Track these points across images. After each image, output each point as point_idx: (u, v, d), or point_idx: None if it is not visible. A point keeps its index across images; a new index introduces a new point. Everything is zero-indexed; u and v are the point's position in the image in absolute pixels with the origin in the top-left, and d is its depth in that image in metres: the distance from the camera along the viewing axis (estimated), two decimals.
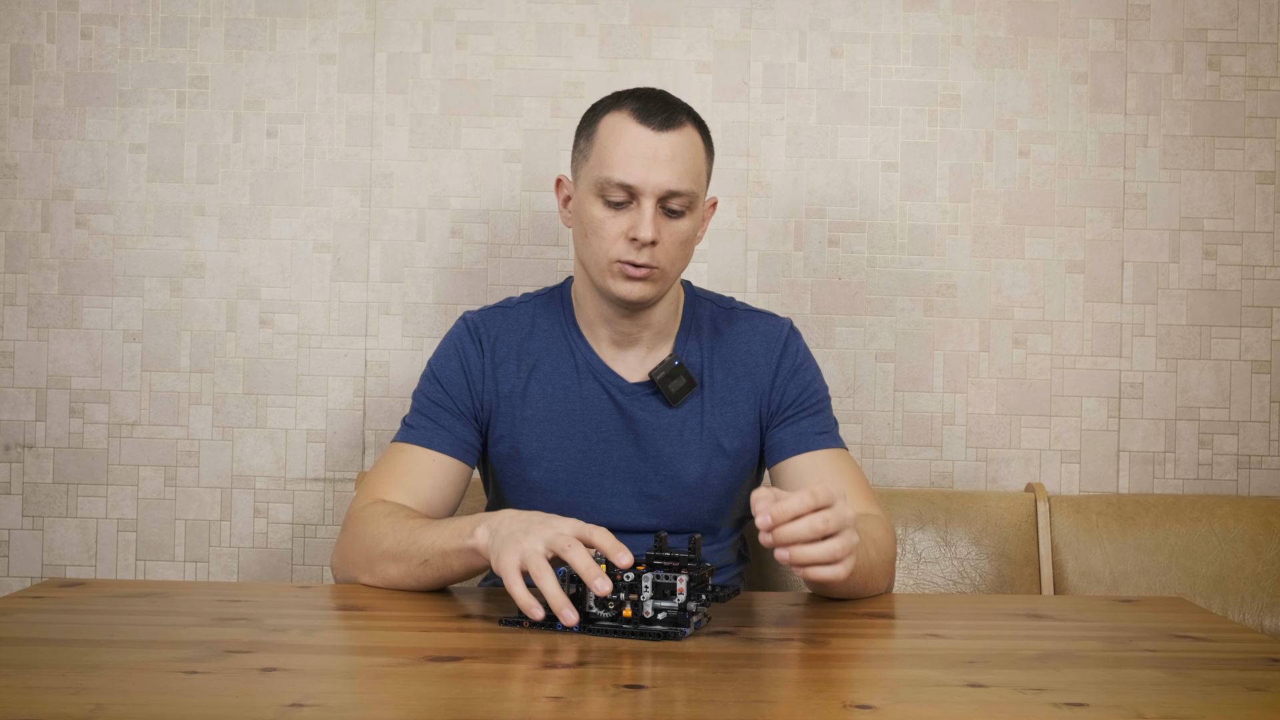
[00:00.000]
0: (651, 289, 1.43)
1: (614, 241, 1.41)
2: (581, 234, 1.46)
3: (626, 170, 1.40)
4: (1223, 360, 2.10)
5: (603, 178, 1.41)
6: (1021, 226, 2.10)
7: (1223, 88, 2.10)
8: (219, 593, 1.34)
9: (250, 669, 1.01)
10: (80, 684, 0.95)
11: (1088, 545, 1.93)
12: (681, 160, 1.41)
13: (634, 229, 1.40)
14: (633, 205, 1.41)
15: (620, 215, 1.41)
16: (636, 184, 1.40)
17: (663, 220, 1.41)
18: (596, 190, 1.42)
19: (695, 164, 1.43)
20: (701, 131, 1.47)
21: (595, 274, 1.45)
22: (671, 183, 1.40)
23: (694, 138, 1.44)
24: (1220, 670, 1.06)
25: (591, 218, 1.43)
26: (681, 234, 1.43)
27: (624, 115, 1.43)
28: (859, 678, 1.04)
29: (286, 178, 2.08)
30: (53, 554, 2.07)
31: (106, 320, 2.07)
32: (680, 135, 1.42)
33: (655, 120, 1.41)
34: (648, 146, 1.40)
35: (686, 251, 1.46)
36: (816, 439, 1.50)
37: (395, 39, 2.08)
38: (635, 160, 1.40)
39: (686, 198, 1.41)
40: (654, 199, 1.40)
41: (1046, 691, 0.97)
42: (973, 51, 2.10)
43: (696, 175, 1.43)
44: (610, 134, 1.43)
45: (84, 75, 2.07)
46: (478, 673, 1.01)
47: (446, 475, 1.47)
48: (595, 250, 1.43)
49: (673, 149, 1.41)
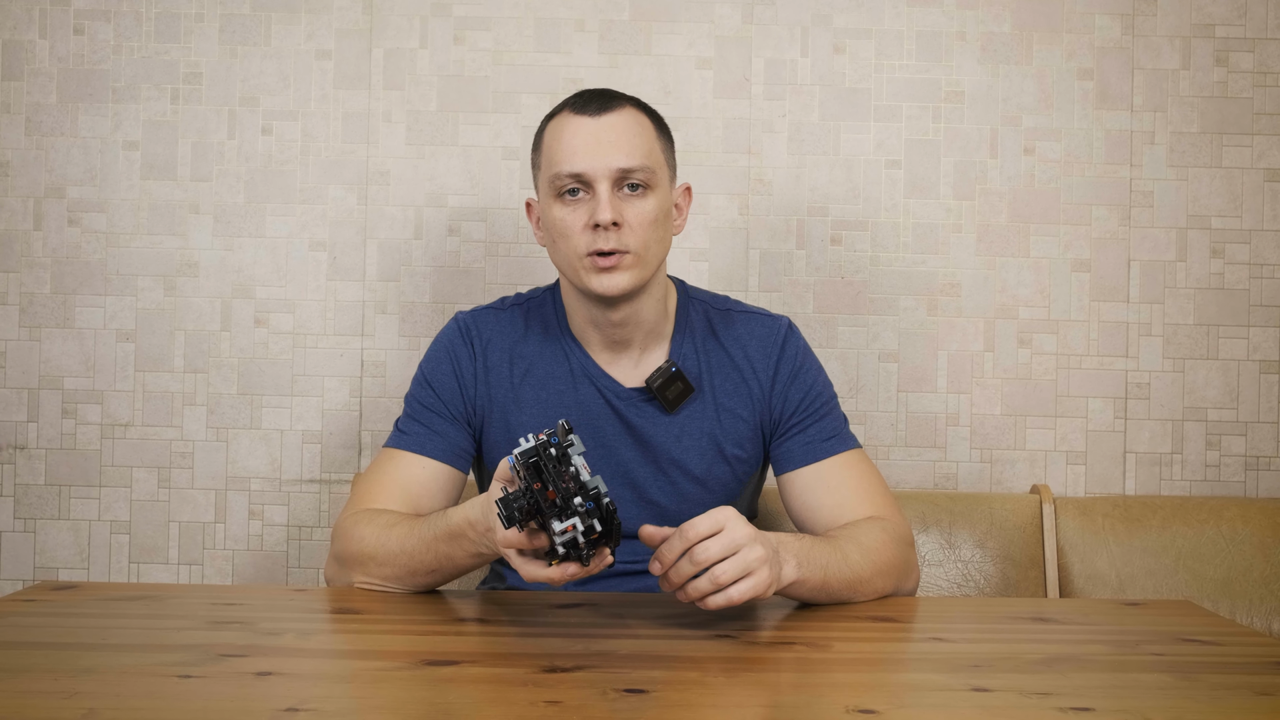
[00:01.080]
0: (628, 278, 1.42)
1: (580, 235, 1.42)
2: (551, 241, 1.46)
3: (572, 160, 1.41)
4: (1230, 360, 2.10)
5: (553, 174, 1.43)
6: (1026, 225, 2.10)
7: (1231, 84, 2.10)
8: (213, 596, 1.34)
9: (245, 673, 1.01)
10: (73, 688, 0.95)
11: (1094, 548, 1.93)
12: (626, 138, 1.42)
13: (593, 215, 1.40)
14: (589, 195, 1.42)
15: (580, 208, 1.42)
16: (585, 170, 1.41)
17: (623, 202, 1.42)
18: (553, 191, 1.43)
19: (642, 140, 1.43)
20: (647, 112, 1.48)
21: (572, 275, 1.45)
22: (619, 160, 1.41)
23: (637, 116, 1.45)
24: (1228, 674, 1.06)
25: (554, 220, 1.44)
26: (648, 214, 1.43)
27: (564, 114, 1.45)
28: (862, 682, 1.04)
29: (282, 175, 2.08)
30: (45, 556, 2.07)
31: (99, 320, 2.07)
32: (619, 115, 1.43)
33: (591, 107, 1.43)
34: (588, 133, 1.42)
35: (660, 235, 1.45)
36: (824, 446, 1.49)
37: (392, 34, 2.08)
38: (578, 149, 1.41)
39: (642, 173, 1.42)
40: (607, 181, 1.40)
41: (1052, 696, 0.97)
42: (977, 47, 2.10)
43: (647, 151, 1.43)
44: (554, 134, 1.45)
45: (76, 71, 2.07)
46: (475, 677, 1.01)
47: (438, 482, 1.46)
48: (565, 251, 1.44)
49: (614, 130, 1.42)
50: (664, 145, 1.48)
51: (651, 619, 1.24)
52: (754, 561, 1.16)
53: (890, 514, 1.45)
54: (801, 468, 1.49)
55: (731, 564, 1.15)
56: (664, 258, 1.49)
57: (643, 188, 1.42)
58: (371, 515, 1.39)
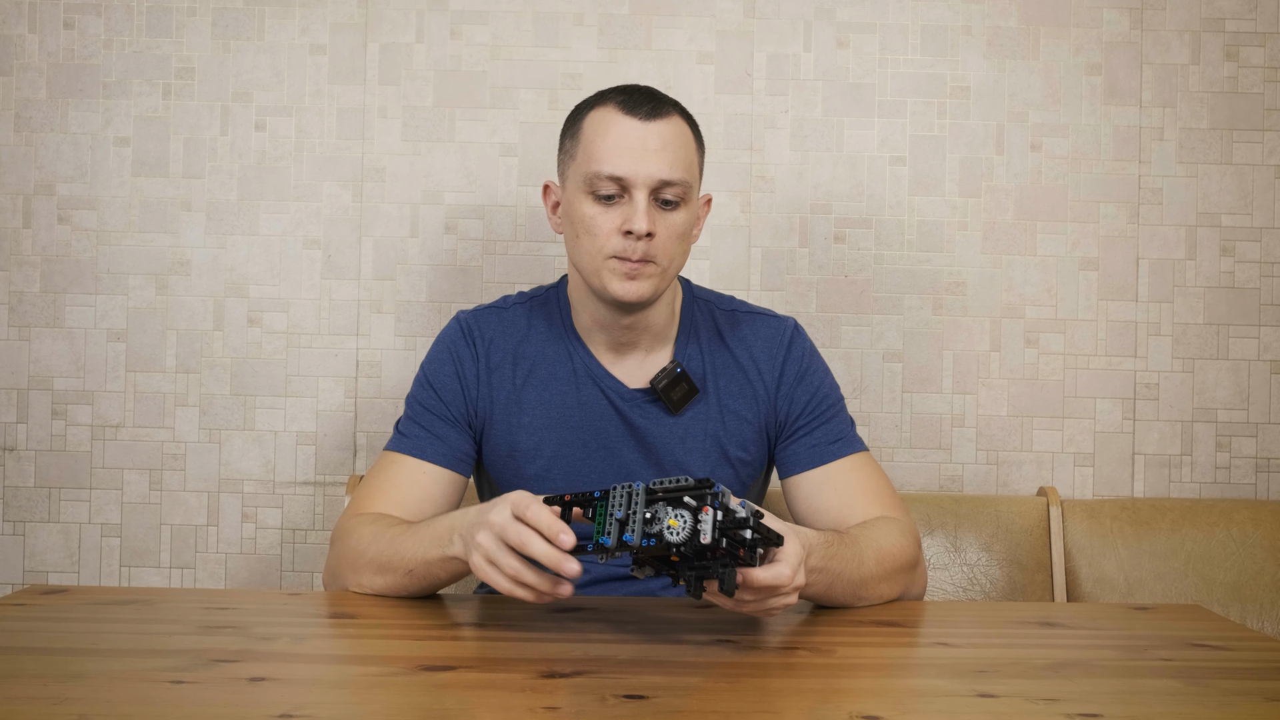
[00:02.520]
0: (649, 287, 1.43)
1: (608, 238, 1.41)
2: (573, 235, 1.45)
3: (616, 162, 1.40)
4: (1241, 360, 2.10)
5: (591, 172, 1.41)
6: (1033, 222, 2.10)
7: (1241, 79, 2.10)
8: (206, 600, 1.34)
9: (238, 679, 1.01)
10: (63, 694, 0.95)
11: (1102, 551, 1.93)
12: (672, 149, 1.41)
13: (628, 222, 1.39)
14: (625, 199, 1.41)
15: (612, 210, 1.42)
16: (627, 175, 1.40)
17: (657, 213, 1.41)
18: (586, 187, 1.42)
19: (686, 154, 1.43)
20: (690, 124, 1.47)
21: (589, 275, 1.45)
22: (663, 172, 1.40)
23: (682, 128, 1.45)
24: (1238, 680, 1.06)
25: (583, 216, 1.43)
26: (678, 227, 1.43)
27: (610, 109, 1.44)
28: (866, 688, 1.04)
29: (275, 172, 2.08)
30: (34, 560, 2.07)
31: (90, 319, 2.07)
32: (668, 124, 1.42)
33: (642, 110, 1.42)
34: (636, 137, 1.41)
35: (684, 247, 1.46)
36: (831, 449, 1.49)
37: (388, 29, 2.08)
38: (624, 151, 1.40)
39: (680, 187, 1.42)
40: (646, 190, 1.40)
41: (1059, 702, 0.97)
42: (983, 42, 2.10)
43: (688, 165, 1.43)
44: (596, 128, 1.43)
45: (66, 66, 2.07)
46: (472, 682, 1.01)
47: (439, 487, 1.46)
48: (588, 249, 1.43)
49: (662, 138, 1.41)
50: (700, 158, 1.49)
51: (651, 623, 1.24)
52: (781, 606, 1.16)
53: (899, 517, 1.44)
54: (808, 471, 1.49)
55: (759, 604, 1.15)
56: (682, 268, 1.49)
57: (677, 201, 1.43)
58: (370, 519, 1.39)
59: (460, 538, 1.23)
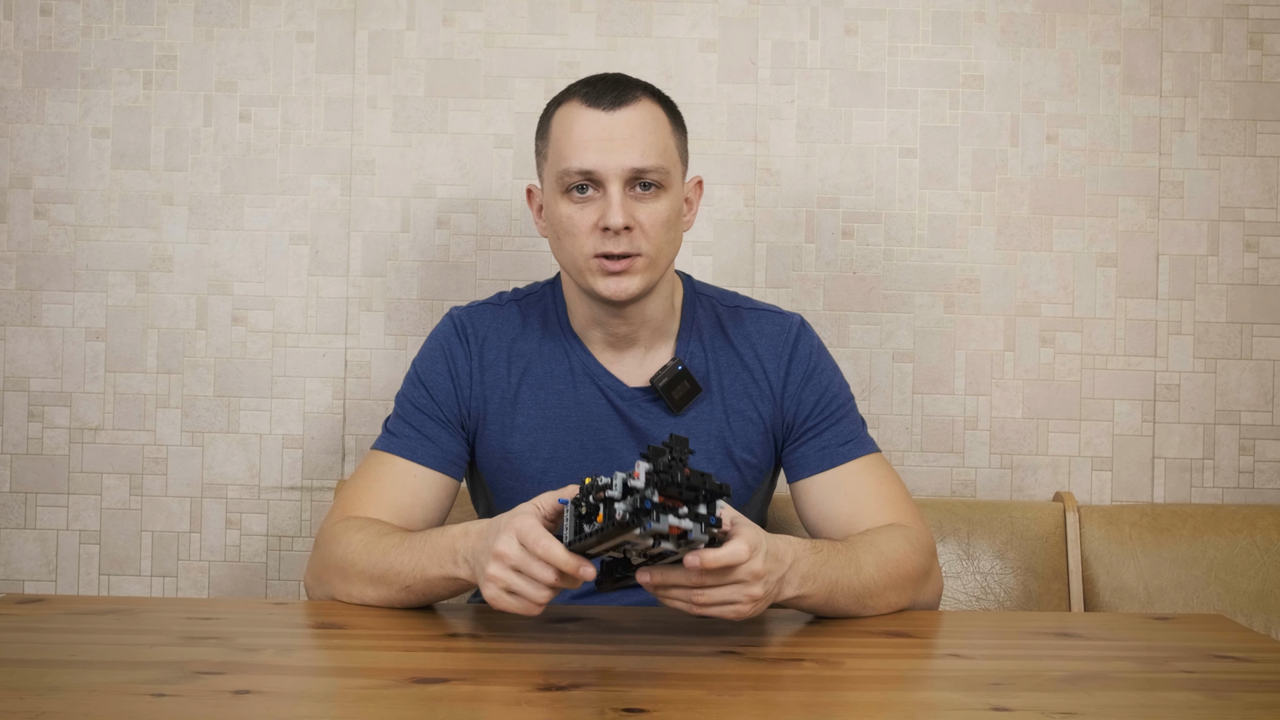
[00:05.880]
0: (638, 282, 1.43)
1: (587, 236, 1.42)
2: (555, 237, 1.46)
3: (584, 156, 1.41)
4: (1265, 360, 2.10)
5: (562, 170, 1.42)
6: (1049, 217, 2.10)
7: (1265, 68, 2.10)
8: (188, 610, 1.34)
9: (222, 691, 1.01)
10: (39, 708, 0.95)
11: (1120, 559, 1.93)
12: (641, 135, 1.42)
13: (604, 217, 1.40)
14: (599, 194, 1.42)
15: (588, 207, 1.42)
16: (596, 168, 1.40)
17: (636, 203, 1.42)
18: (560, 187, 1.43)
19: (658, 138, 1.43)
20: (665, 105, 1.47)
21: (576, 275, 1.45)
22: (634, 160, 1.40)
23: (652, 110, 1.45)
24: (1262, 693, 1.06)
25: (561, 216, 1.44)
26: (661, 215, 1.43)
27: (574, 104, 1.44)
28: (875, 701, 1.04)
29: (261, 164, 2.08)
30: (10, 568, 2.07)
31: (67, 317, 2.07)
32: (635, 110, 1.43)
33: (605, 100, 1.42)
34: (601, 128, 1.41)
35: (672, 235, 1.46)
36: (840, 451, 1.49)
37: (377, 15, 2.08)
38: (590, 145, 1.41)
39: (656, 173, 1.42)
40: (619, 182, 1.40)
41: (1076, 715, 0.98)
42: (997, 29, 2.10)
43: (662, 149, 1.43)
44: (562, 125, 1.44)
45: (43, 54, 2.07)
46: (465, 695, 1.02)
47: (430, 491, 1.47)
48: (570, 250, 1.44)
49: (629, 126, 1.41)
50: (678, 140, 1.49)
51: (652, 634, 1.24)
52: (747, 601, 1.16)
53: (912, 522, 1.44)
54: (817, 474, 1.49)
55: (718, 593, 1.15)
56: (674, 257, 1.49)
57: (656, 187, 1.43)
58: (360, 524, 1.39)
59: (466, 562, 1.23)
